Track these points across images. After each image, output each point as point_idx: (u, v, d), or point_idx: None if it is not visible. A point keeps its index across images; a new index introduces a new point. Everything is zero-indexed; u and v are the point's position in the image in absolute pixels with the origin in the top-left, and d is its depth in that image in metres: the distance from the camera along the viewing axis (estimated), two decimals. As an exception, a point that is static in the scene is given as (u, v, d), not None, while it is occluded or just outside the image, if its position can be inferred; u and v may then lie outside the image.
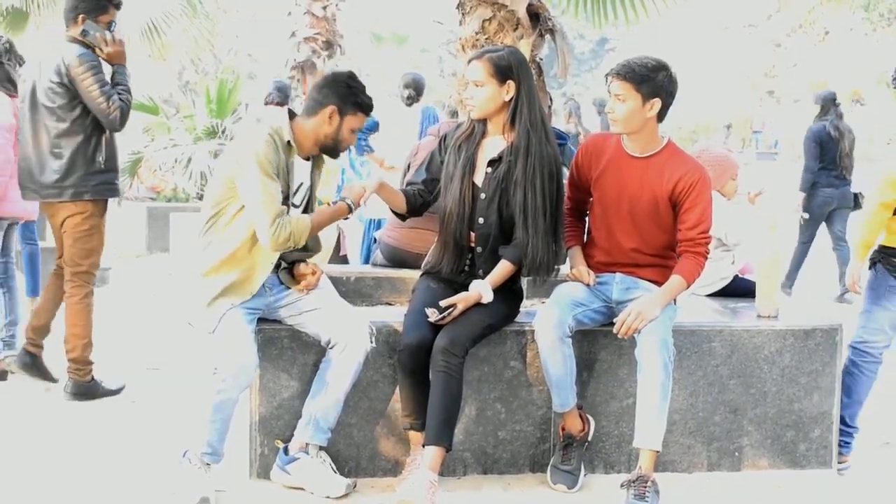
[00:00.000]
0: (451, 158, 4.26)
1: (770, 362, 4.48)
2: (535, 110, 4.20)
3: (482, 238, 4.20)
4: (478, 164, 4.23)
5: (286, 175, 4.06)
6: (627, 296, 4.24)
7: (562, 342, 4.08)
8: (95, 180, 5.42)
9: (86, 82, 5.27)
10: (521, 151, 4.13)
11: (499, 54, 4.17)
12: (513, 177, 4.13)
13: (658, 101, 4.16)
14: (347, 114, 4.10)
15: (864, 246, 4.77)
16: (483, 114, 4.18)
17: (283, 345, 4.14)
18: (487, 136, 4.26)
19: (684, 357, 4.36)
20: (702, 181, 4.21)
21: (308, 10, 10.93)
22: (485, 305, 4.10)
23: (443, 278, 4.29)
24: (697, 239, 4.20)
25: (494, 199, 4.15)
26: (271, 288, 4.19)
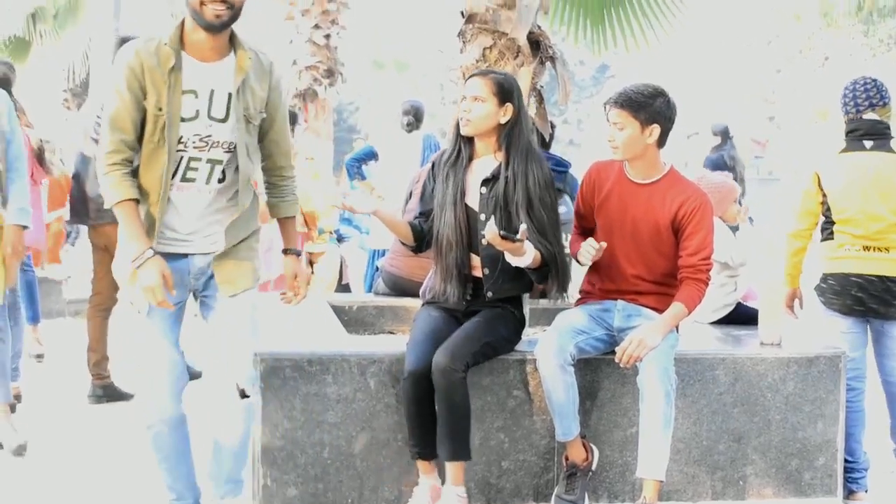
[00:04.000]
0: (440, 186, 4.24)
1: (774, 390, 4.47)
2: (529, 136, 4.23)
3: (489, 260, 4.17)
4: (469, 187, 4.21)
5: (171, 86, 3.50)
6: (629, 323, 4.24)
7: (564, 370, 4.06)
8: None
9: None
10: (521, 173, 4.13)
11: (501, 76, 4.22)
12: (513, 197, 4.12)
13: (657, 127, 4.18)
14: None
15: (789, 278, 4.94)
16: (476, 130, 4.17)
17: (286, 374, 4.12)
18: (476, 157, 4.25)
19: (687, 385, 4.35)
20: (704, 207, 4.23)
21: (310, 38, 10.97)
22: (485, 324, 4.10)
23: (444, 307, 4.27)
24: (699, 265, 4.20)
25: (495, 219, 4.10)
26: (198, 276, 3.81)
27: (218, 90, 3.58)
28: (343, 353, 4.20)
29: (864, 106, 4.75)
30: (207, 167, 3.65)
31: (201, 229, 3.72)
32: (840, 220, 4.68)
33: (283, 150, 3.89)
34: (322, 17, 11.03)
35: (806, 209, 4.80)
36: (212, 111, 3.59)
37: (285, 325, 4.79)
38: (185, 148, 3.58)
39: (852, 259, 4.65)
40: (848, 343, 4.68)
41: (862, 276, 4.63)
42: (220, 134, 3.62)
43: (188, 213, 3.68)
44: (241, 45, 3.64)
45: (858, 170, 4.66)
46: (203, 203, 3.70)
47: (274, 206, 3.99)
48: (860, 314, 4.68)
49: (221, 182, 3.70)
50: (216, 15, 3.44)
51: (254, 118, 3.69)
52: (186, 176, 3.63)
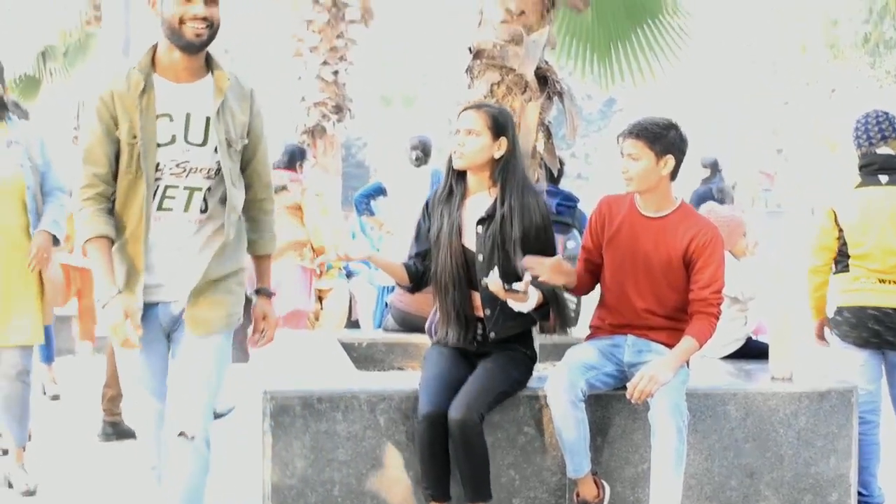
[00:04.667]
0: (436, 225, 4.20)
1: (785, 425, 4.44)
2: (523, 170, 4.21)
3: (489, 300, 4.14)
4: (465, 226, 4.16)
5: (143, 110, 3.35)
6: (639, 358, 4.22)
7: (574, 406, 4.05)
8: None
9: None
10: (517, 209, 4.09)
11: (496, 109, 4.18)
12: (510, 235, 4.07)
13: (671, 158, 4.19)
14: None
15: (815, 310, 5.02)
16: (470, 164, 4.12)
17: (295, 412, 4.11)
18: (469, 194, 4.21)
19: (699, 421, 4.33)
20: (715, 241, 4.23)
21: (318, 75, 11.02)
22: (498, 371, 4.08)
23: (453, 347, 4.25)
24: (710, 299, 4.18)
25: (493, 259, 4.08)
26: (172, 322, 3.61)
27: (195, 113, 3.41)
28: (353, 391, 4.19)
29: (877, 139, 4.76)
30: (185, 194, 3.45)
31: (179, 270, 3.50)
32: (856, 254, 4.69)
33: (265, 181, 3.70)
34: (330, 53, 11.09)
35: (823, 245, 4.83)
36: (189, 135, 3.41)
37: (294, 362, 4.79)
38: (161, 175, 3.40)
39: (868, 292, 4.67)
40: (863, 376, 4.68)
41: (878, 309, 4.65)
42: (198, 159, 3.43)
43: (166, 249, 3.48)
44: (218, 66, 3.48)
45: (874, 205, 4.68)
46: (182, 236, 3.49)
47: (251, 243, 3.76)
48: (876, 346, 4.69)
49: (204, 213, 3.50)
50: (196, 34, 3.30)
51: (235, 142, 3.50)
52: (163, 205, 3.44)
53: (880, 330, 4.65)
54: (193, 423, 3.43)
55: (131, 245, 3.43)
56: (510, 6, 5.09)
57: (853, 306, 4.71)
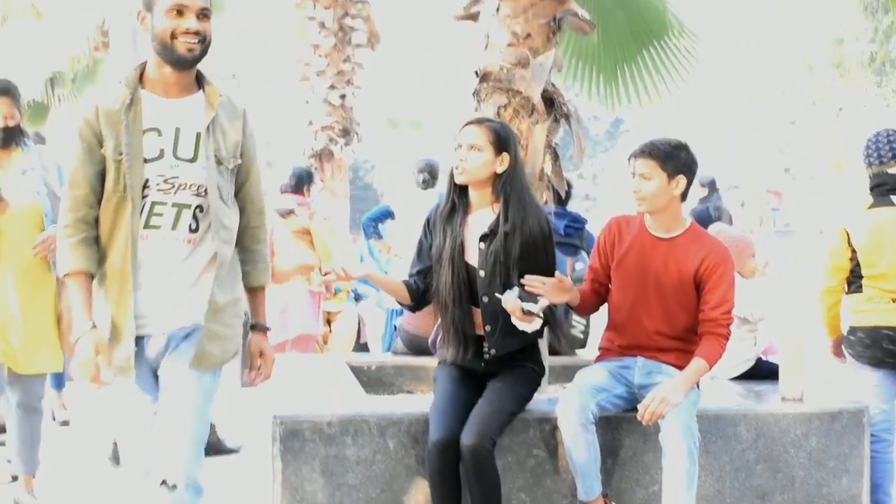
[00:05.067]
0: (438, 242, 4.18)
1: (797, 446, 4.43)
2: (526, 185, 4.18)
3: (489, 317, 4.12)
4: (467, 243, 4.14)
5: (128, 125, 3.26)
6: (650, 380, 4.22)
7: (585, 429, 4.04)
8: None
9: None
10: (519, 226, 4.06)
11: (497, 124, 4.17)
12: (511, 252, 4.05)
13: (683, 179, 4.21)
14: (153, 3, 3.27)
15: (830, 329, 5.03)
16: (472, 179, 4.10)
17: (305, 437, 4.11)
18: (471, 210, 4.19)
19: (709, 442, 4.32)
20: (725, 262, 4.24)
21: (325, 98, 11.05)
22: (507, 391, 4.07)
23: (461, 367, 4.24)
24: (720, 319, 4.18)
25: (495, 275, 4.07)
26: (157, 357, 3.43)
27: (184, 128, 3.32)
28: (362, 415, 4.19)
29: (887, 158, 4.79)
30: (173, 211, 3.31)
31: (170, 299, 3.35)
32: (870, 275, 4.70)
33: (258, 206, 3.55)
34: (337, 77, 11.12)
35: (836, 265, 4.85)
36: (178, 150, 3.30)
37: (303, 386, 4.78)
38: (148, 192, 3.28)
39: (882, 312, 4.68)
40: (878, 395, 4.68)
41: (892, 329, 4.65)
42: (187, 175, 3.31)
43: (155, 273, 3.33)
44: (209, 82, 3.40)
45: (888, 226, 4.69)
46: (172, 258, 3.35)
47: (245, 275, 3.58)
48: (890, 366, 4.69)
49: (194, 232, 3.35)
50: (188, 48, 3.23)
51: (226, 160, 3.38)
52: (150, 223, 3.30)
53: (894, 350, 4.65)
54: (176, 472, 3.29)
55: (120, 267, 3.29)
56: (516, 29, 5.09)
57: (867, 326, 4.72)
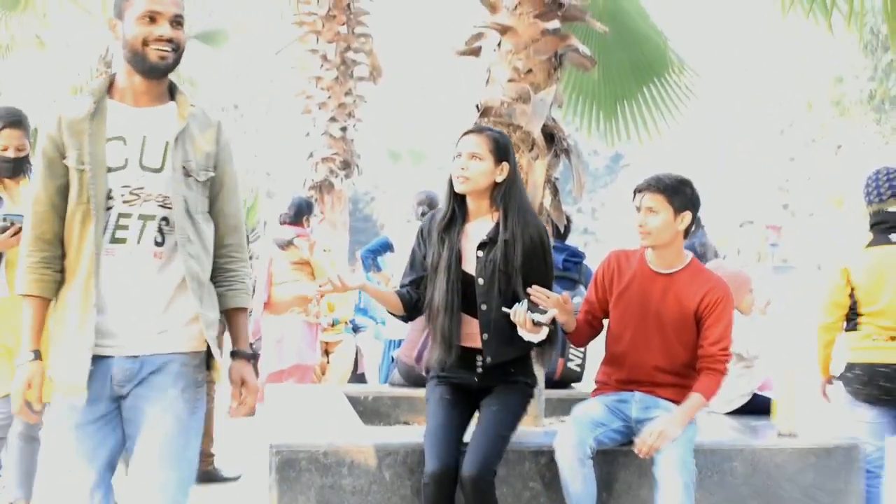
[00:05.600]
0: (434, 250, 4.14)
1: (792, 481, 4.43)
2: (524, 194, 4.18)
3: (487, 324, 4.07)
4: (464, 251, 4.11)
5: (92, 133, 3.08)
6: (647, 414, 4.22)
7: (582, 463, 4.03)
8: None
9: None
10: (519, 235, 4.04)
11: (497, 133, 4.14)
12: (512, 261, 4.02)
13: (688, 215, 4.23)
14: (124, 10, 3.09)
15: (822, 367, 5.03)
16: (473, 188, 4.07)
17: (301, 467, 4.10)
18: (469, 219, 4.16)
19: (705, 477, 4.31)
20: (726, 298, 4.24)
21: (326, 130, 11.06)
22: (503, 413, 4.04)
23: (453, 384, 4.19)
24: (718, 356, 4.19)
25: (494, 283, 4.04)
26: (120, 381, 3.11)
27: (151, 137, 3.13)
28: (359, 445, 4.18)
29: (887, 196, 4.81)
30: (139, 224, 3.11)
31: (138, 317, 3.10)
32: (868, 312, 4.72)
33: (232, 223, 3.32)
34: (339, 110, 11.14)
35: (834, 302, 4.86)
36: (144, 160, 3.11)
37: (300, 416, 4.79)
38: (112, 203, 3.08)
39: (880, 350, 4.69)
40: (872, 432, 4.69)
41: (889, 366, 4.66)
42: (153, 186, 3.11)
43: (123, 288, 3.09)
44: (181, 92, 3.24)
45: (888, 264, 4.70)
46: (140, 274, 3.11)
47: (221, 297, 3.31)
48: (887, 403, 4.69)
49: (159, 245, 3.12)
50: (160, 56, 3.07)
51: (196, 172, 3.18)
52: (116, 235, 3.09)
53: (891, 387, 4.67)
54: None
55: (85, 283, 3.07)
56: (518, 65, 5.11)
57: (864, 363, 4.73)
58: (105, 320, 3.07)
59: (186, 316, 3.15)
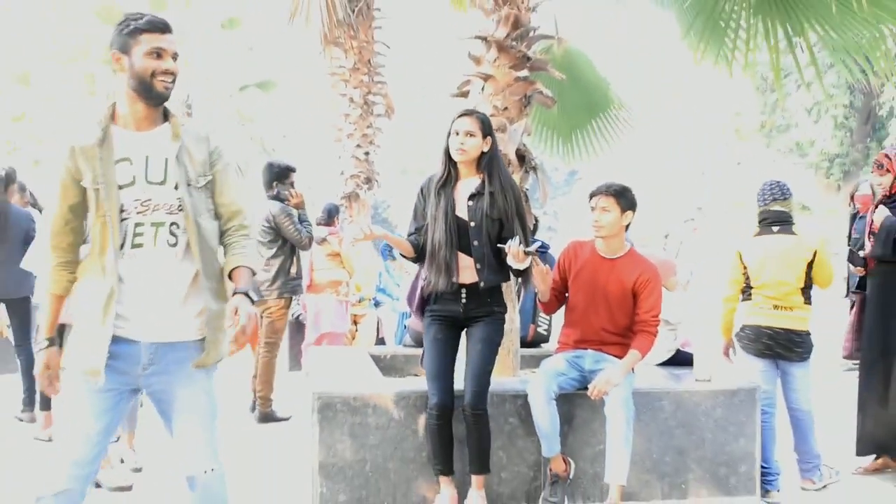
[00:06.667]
0: (433, 202, 4.07)
1: (706, 415, 4.43)
2: (501, 159, 4.14)
3: (479, 257, 4.01)
4: (458, 202, 4.06)
5: (102, 157, 2.87)
6: (597, 367, 4.22)
7: (549, 403, 4.04)
8: (291, 284, 6.46)
9: (285, 224, 6.34)
10: (507, 188, 4.02)
11: (482, 115, 4.10)
12: (503, 207, 3.99)
13: (631, 213, 4.23)
14: (131, 46, 2.88)
15: (724, 331, 4.93)
16: (468, 158, 4.02)
17: (337, 408, 4.10)
18: (461, 178, 4.10)
19: (641, 412, 4.31)
20: (655, 277, 4.25)
21: (353, 154, 11.08)
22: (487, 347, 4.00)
23: (443, 317, 4.08)
24: (650, 321, 4.20)
25: (482, 225, 4.00)
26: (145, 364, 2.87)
27: (153, 156, 2.91)
28: (380, 392, 4.18)
29: (769, 199, 4.81)
30: (152, 230, 2.89)
31: (155, 308, 2.87)
32: (757, 286, 4.71)
33: (233, 209, 3.04)
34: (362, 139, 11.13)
35: (732, 279, 4.85)
36: (148, 176, 2.90)
37: (336, 371, 4.78)
38: (128, 215, 2.87)
39: (765, 315, 4.67)
40: (762, 379, 4.66)
41: (771, 329, 4.65)
42: (159, 197, 2.90)
43: (145, 285, 2.87)
44: (173, 115, 3.01)
45: (769, 248, 4.71)
46: (159, 271, 2.88)
47: (229, 263, 3.02)
48: (769, 356, 4.68)
49: (173, 246, 2.90)
50: (165, 87, 2.88)
51: (195, 180, 2.95)
52: (135, 242, 2.88)
53: (772, 344, 4.66)
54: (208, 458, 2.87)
55: (108, 281, 2.85)
56: (497, 104, 5.11)
57: (753, 325, 4.72)
58: (130, 311, 2.84)
59: (199, 307, 2.92)
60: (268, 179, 6.58)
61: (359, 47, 11.13)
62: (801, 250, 4.66)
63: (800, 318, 4.65)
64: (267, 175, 6.57)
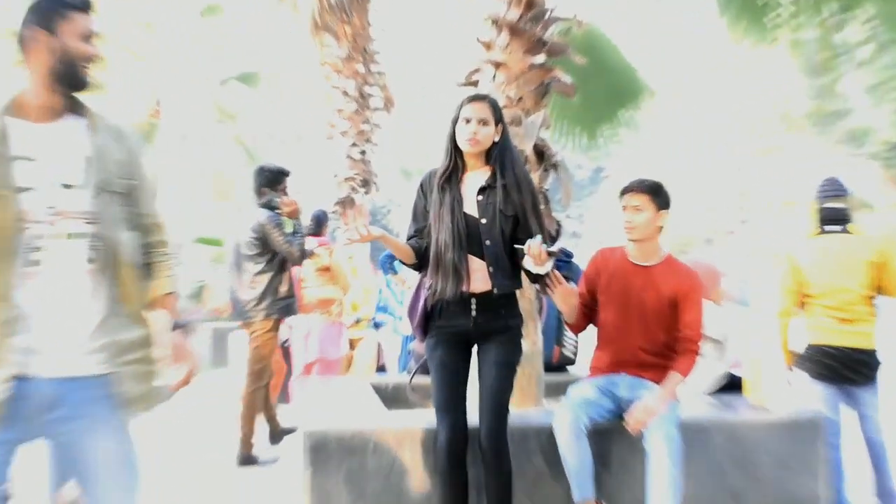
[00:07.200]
0: (437, 198, 4.01)
1: (764, 450, 4.35)
2: (514, 148, 4.07)
3: (493, 259, 3.93)
4: (465, 197, 3.99)
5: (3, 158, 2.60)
6: (633, 394, 4.17)
7: (578, 438, 3.97)
8: (280, 304, 6.36)
9: (274, 235, 6.27)
10: (513, 182, 3.94)
11: (493, 99, 4.04)
12: (510, 202, 3.92)
13: (666, 213, 4.23)
14: (58, 24, 2.66)
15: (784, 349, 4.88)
16: (481, 148, 3.96)
17: (331, 449, 4.03)
18: (467, 171, 4.04)
19: (688, 448, 4.21)
20: (697, 287, 4.23)
21: (348, 154, 11.12)
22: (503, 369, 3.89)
23: (450, 334, 3.97)
24: (693, 337, 4.17)
25: (495, 221, 3.93)
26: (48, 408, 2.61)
27: (62, 153, 2.66)
28: (381, 429, 4.12)
29: (826, 195, 4.83)
30: (59, 244, 2.62)
31: (69, 337, 2.62)
32: (814, 294, 4.69)
33: (153, 221, 2.88)
34: (358, 136, 11.18)
35: (784, 287, 4.83)
36: (56, 177, 2.63)
37: (329, 404, 4.72)
38: (29, 225, 2.59)
39: (828, 332, 4.65)
40: (825, 406, 4.63)
41: (834, 347, 4.61)
42: (69, 203, 2.63)
43: (50, 310, 2.61)
44: (88, 107, 2.78)
45: (826, 249, 4.71)
46: (69, 294, 2.63)
47: (150, 287, 2.87)
48: (832, 381, 4.65)
49: (86, 262, 2.65)
50: (88, 73, 2.71)
51: (113, 184, 2.72)
52: (32, 257, 2.59)
53: (836, 366, 4.61)
54: None
55: (3, 303, 2.57)
56: (510, 94, 5.13)
57: (815, 344, 4.70)
58: (32, 341, 2.58)
59: (115, 335, 2.68)
60: (258, 185, 6.57)
61: (353, 34, 11.16)
62: (863, 251, 4.64)
63: (865, 334, 4.63)
64: (257, 180, 6.56)
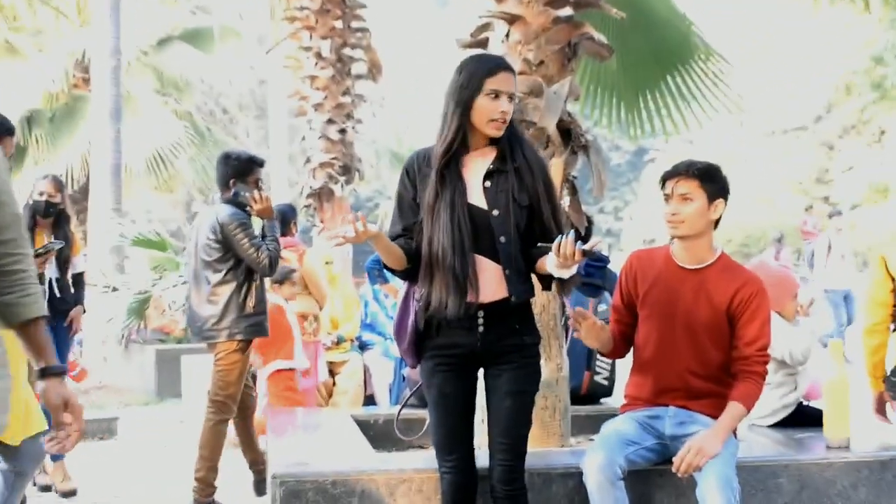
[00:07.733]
0: (431, 186, 3.93)
1: (844, 498, 4.40)
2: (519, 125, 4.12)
3: (508, 259, 3.90)
4: (469, 185, 3.94)
5: None
6: (682, 430, 4.19)
7: (613, 485, 4.00)
8: (246, 322, 6.28)
9: (238, 237, 6.17)
10: (525, 165, 3.93)
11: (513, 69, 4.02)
12: (525, 189, 3.91)
13: (721, 203, 4.20)
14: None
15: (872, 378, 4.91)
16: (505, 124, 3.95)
17: (308, 497, 4.09)
18: (468, 153, 3.97)
19: (749, 495, 4.28)
20: (760, 294, 4.20)
21: (323, 133, 11.02)
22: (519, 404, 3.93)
23: (452, 357, 3.97)
24: (755, 357, 4.16)
25: (509, 213, 3.90)
26: None
27: None
28: (369, 472, 4.18)
29: None
30: None
31: None
32: None
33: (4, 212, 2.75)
34: (336, 111, 11.11)
35: (875, 299, 4.77)
36: None
37: (305, 443, 4.78)
38: None
39: None
40: None
41: None
42: None
43: None
44: None
45: None
46: None
47: (11, 307, 2.75)
48: None
49: None
50: None
51: None
52: None
53: None
54: None
55: None
56: (528, 57, 5.10)
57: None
58: None
59: None
60: (223, 176, 6.49)
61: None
62: None
63: None
64: (222, 170, 6.46)
